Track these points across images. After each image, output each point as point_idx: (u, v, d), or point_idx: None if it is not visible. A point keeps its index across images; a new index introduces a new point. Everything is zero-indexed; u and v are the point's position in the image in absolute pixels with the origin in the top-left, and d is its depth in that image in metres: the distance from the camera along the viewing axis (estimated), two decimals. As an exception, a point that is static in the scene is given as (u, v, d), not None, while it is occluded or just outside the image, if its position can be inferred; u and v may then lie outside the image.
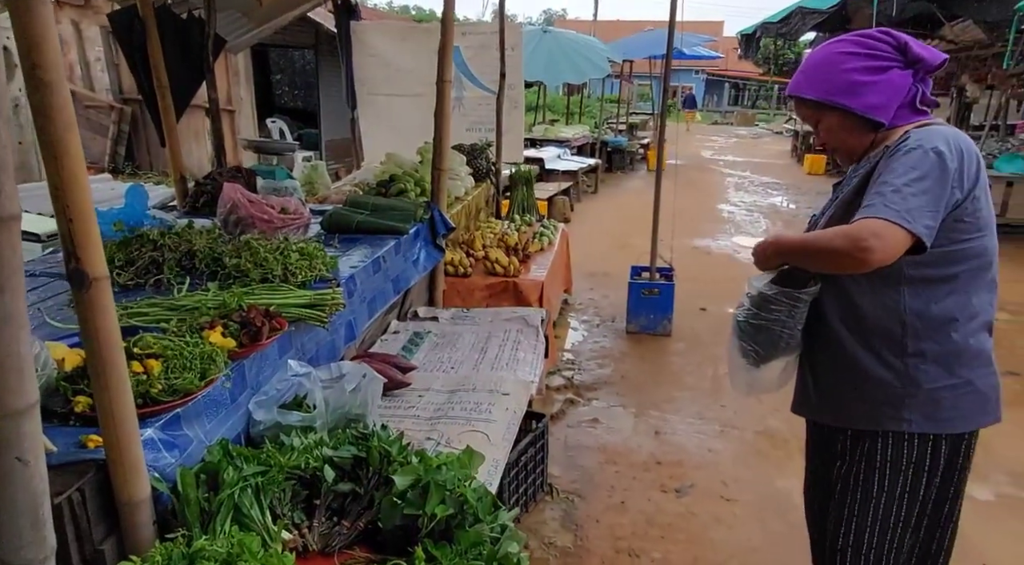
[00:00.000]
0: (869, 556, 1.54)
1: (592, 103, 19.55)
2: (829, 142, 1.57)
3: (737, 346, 1.61)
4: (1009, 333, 4.58)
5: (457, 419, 1.97)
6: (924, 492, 1.49)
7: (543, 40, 10.38)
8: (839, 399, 1.55)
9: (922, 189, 1.31)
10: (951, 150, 1.35)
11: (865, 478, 1.51)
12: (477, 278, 3.61)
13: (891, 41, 1.45)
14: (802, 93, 1.53)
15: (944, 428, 1.44)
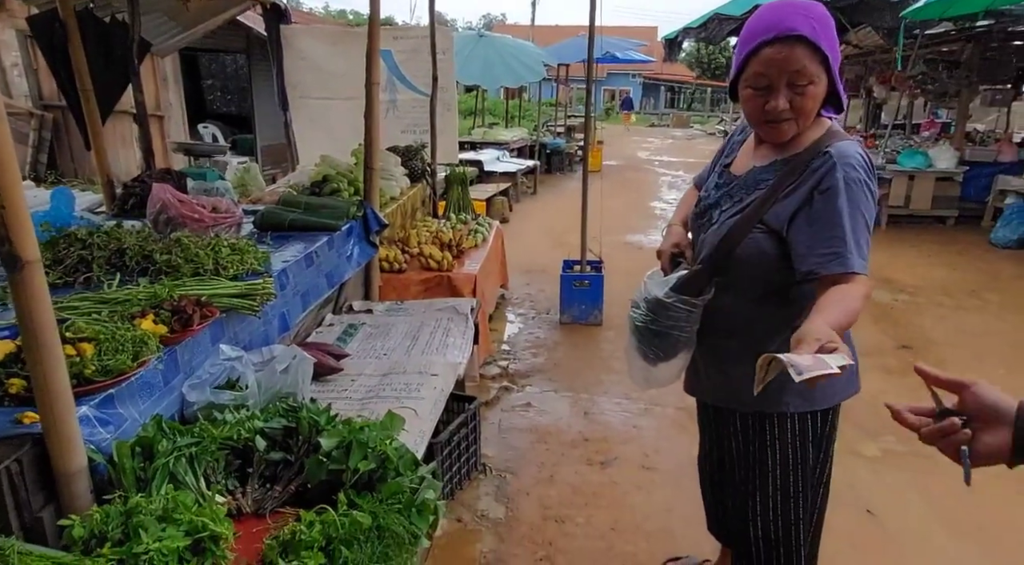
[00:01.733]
0: (776, 522, 1.69)
1: (531, 107, 19.86)
2: (806, 108, 1.40)
3: (636, 348, 1.71)
4: (906, 312, 5.00)
5: (388, 398, 2.10)
6: (809, 460, 1.66)
7: (479, 45, 10.57)
8: (729, 387, 1.67)
9: (868, 233, 1.41)
10: (870, 175, 1.43)
11: (760, 455, 1.66)
12: (412, 273, 3.74)
13: None
14: (819, 42, 1.32)
15: (817, 405, 1.60)
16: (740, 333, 1.62)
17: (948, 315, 4.96)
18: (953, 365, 4.02)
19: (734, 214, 1.55)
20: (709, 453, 1.92)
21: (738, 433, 1.71)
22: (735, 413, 1.70)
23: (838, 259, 1.37)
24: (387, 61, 5.07)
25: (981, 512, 2.61)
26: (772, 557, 1.71)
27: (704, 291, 1.59)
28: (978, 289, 5.57)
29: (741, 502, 1.74)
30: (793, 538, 1.69)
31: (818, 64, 1.35)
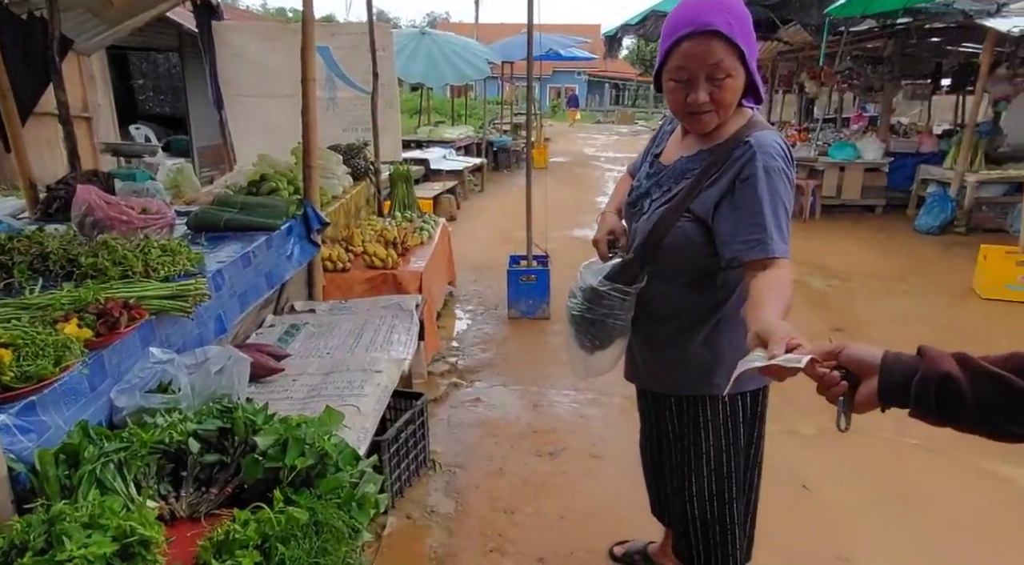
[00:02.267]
0: (712, 501, 1.75)
1: (477, 105, 19.85)
2: (725, 101, 1.43)
3: (573, 337, 1.75)
4: (839, 297, 5.23)
5: (330, 397, 2.08)
6: (741, 440, 1.73)
7: (422, 42, 10.50)
8: (664, 372, 1.73)
9: (788, 219, 1.46)
10: (788, 163, 1.48)
11: (694, 437, 1.72)
12: (356, 272, 3.70)
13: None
14: (735, 37, 1.36)
15: (746, 387, 1.67)
16: (671, 319, 1.67)
17: (878, 299, 5.21)
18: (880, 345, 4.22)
19: (663, 204, 1.59)
20: (649, 438, 1.97)
21: (673, 417, 1.76)
22: (670, 397, 1.75)
23: (760, 245, 1.42)
24: (325, 58, 4.99)
25: (906, 483, 2.77)
26: (709, 536, 1.77)
27: (637, 279, 1.63)
28: (904, 274, 5.87)
29: (679, 484, 1.80)
30: (728, 517, 1.75)
31: (735, 58, 1.39)
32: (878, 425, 3.23)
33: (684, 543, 1.83)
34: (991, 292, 5.04)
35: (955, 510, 2.58)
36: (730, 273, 1.58)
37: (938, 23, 7.37)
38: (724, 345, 1.63)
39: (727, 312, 1.63)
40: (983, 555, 2.33)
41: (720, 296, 1.61)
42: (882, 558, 2.30)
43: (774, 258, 1.41)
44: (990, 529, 2.45)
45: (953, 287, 5.41)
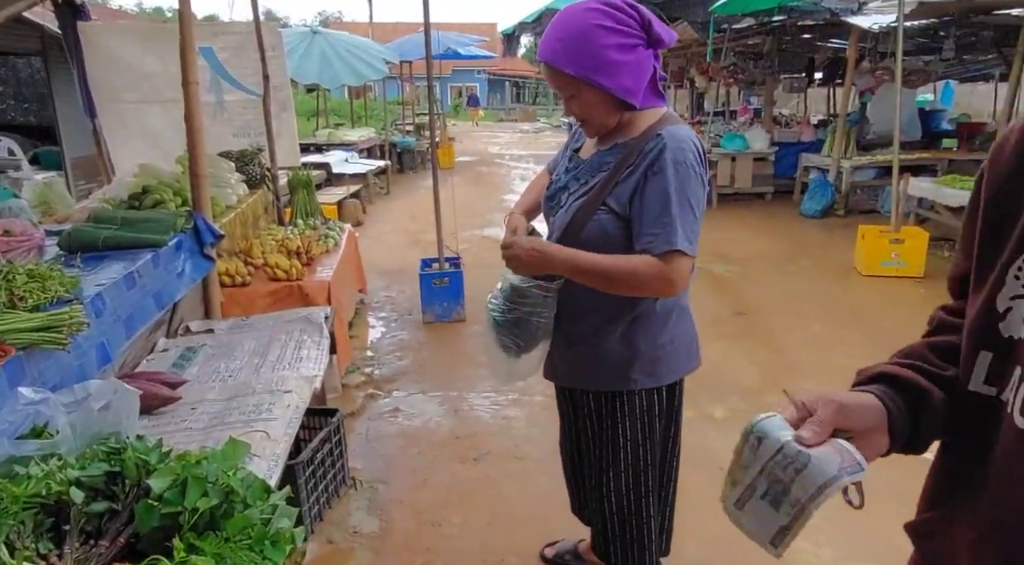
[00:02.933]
0: (629, 495, 1.77)
1: (378, 105, 19.44)
2: (582, 115, 1.55)
3: (496, 340, 1.70)
4: (738, 282, 5.51)
5: (235, 424, 1.93)
6: (657, 434, 1.76)
7: (314, 42, 10.13)
8: (582, 368, 1.73)
9: (696, 213, 1.49)
10: (701, 160, 1.52)
11: (612, 432, 1.73)
12: (258, 286, 3.49)
13: (638, 17, 1.46)
14: (559, 65, 1.46)
15: (662, 381, 1.70)
16: (589, 316, 1.67)
17: (773, 282, 5.53)
18: (778, 325, 4.48)
19: (579, 196, 1.60)
20: (568, 435, 1.97)
21: (592, 413, 1.76)
22: (588, 394, 1.75)
23: (664, 238, 1.45)
24: (209, 59, 4.68)
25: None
26: (626, 530, 1.79)
27: (557, 275, 1.62)
28: (794, 256, 6.27)
29: (597, 480, 1.81)
30: (644, 510, 1.77)
31: (570, 80, 1.46)
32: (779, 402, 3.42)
33: (602, 539, 1.85)
34: (869, 269, 5.47)
35: (855, 476, 2.75)
36: None
37: (809, 20, 7.92)
38: (640, 341, 1.65)
39: (644, 308, 1.64)
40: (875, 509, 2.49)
41: None
42: (795, 529, 2.41)
43: (674, 251, 1.45)
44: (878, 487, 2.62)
45: (837, 266, 5.83)
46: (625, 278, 1.50)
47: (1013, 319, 0.76)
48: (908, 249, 5.33)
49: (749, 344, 4.18)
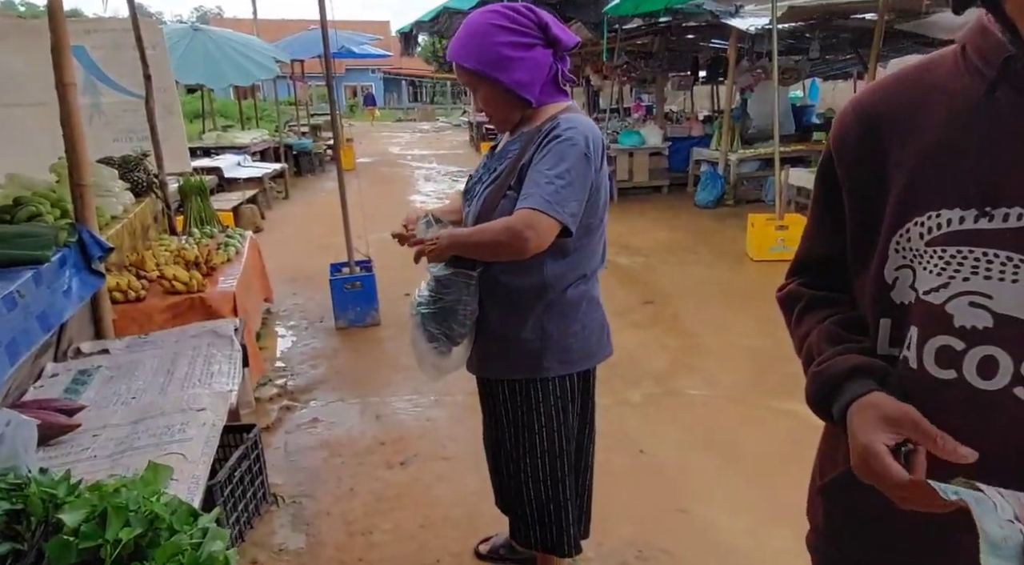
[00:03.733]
0: (546, 481, 1.82)
1: (269, 106, 18.61)
2: (487, 109, 1.67)
3: (423, 334, 1.71)
4: (644, 273, 5.75)
5: (146, 448, 1.81)
6: (572, 420, 1.82)
7: (196, 39, 9.55)
8: (497, 358, 1.77)
9: (569, 181, 1.53)
10: (589, 142, 1.58)
11: (527, 419, 1.78)
12: (155, 300, 3.26)
13: (535, 19, 1.57)
14: (460, 60, 1.59)
15: (574, 368, 1.76)
16: (502, 306, 1.71)
17: (675, 270, 5.81)
18: (683, 311, 4.73)
19: (489, 184, 1.68)
20: (489, 427, 1.99)
21: (507, 401, 1.80)
22: (503, 382, 1.79)
23: (528, 199, 1.53)
24: (82, 59, 4.32)
25: (722, 431, 3.12)
26: (544, 515, 1.85)
27: (476, 263, 1.67)
28: (692, 245, 6.62)
29: (515, 468, 1.85)
30: (562, 494, 1.84)
31: (474, 77, 1.59)
32: (689, 384, 3.62)
33: (522, 525, 1.90)
34: (759, 254, 5.88)
35: (762, 446, 2.96)
36: (561, 257, 1.66)
37: (692, 22, 8.38)
38: (553, 329, 1.71)
39: (554, 296, 1.70)
40: (782, 476, 2.70)
41: (547, 279, 1.68)
42: (713, 502, 2.56)
43: (530, 209, 1.51)
44: (785, 454, 2.84)
45: (731, 253, 6.22)
46: (489, 237, 1.57)
47: (900, 287, 0.85)
48: (792, 235, 5.76)
49: (658, 330, 4.38)
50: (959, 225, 0.78)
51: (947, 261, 0.79)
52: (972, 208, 0.77)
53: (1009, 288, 0.75)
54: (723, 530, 2.39)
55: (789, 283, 1.05)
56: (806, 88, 12.36)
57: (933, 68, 0.85)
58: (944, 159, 0.79)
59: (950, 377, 0.81)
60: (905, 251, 0.84)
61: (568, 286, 1.70)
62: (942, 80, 0.83)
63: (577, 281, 1.72)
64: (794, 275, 1.05)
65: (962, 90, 0.80)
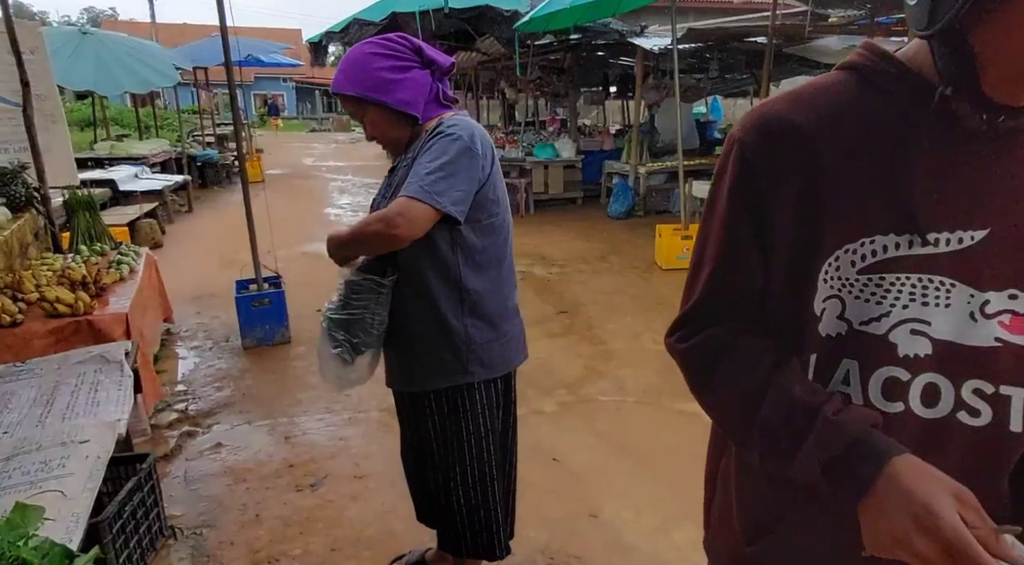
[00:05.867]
0: (475, 487, 1.83)
1: (170, 115, 17.68)
2: (375, 135, 1.72)
3: (330, 342, 1.69)
4: (559, 283, 5.85)
5: (18, 486, 1.66)
6: (498, 423, 1.85)
7: (85, 43, 8.96)
8: (419, 368, 1.76)
9: (450, 172, 1.56)
10: (476, 139, 1.63)
11: (455, 427, 1.79)
12: (34, 325, 3.00)
13: (409, 45, 1.67)
14: (343, 90, 1.65)
15: (496, 372, 1.79)
16: (420, 314, 1.72)
17: (589, 280, 5.95)
18: (596, 320, 4.84)
19: (388, 197, 1.72)
20: (410, 442, 1.98)
21: (433, 413, 1.80)
22: (429, 394, 1.79)
23: (406, 187, 1.57)
24: (-52, 61, 3.95)
25: (632, 436, 3.21)
26: (474, 521, 1.86)
27: (388, 271, 1.68)
28: (606, 254, 6.81)
29: (443, 478, 1.85)
30: (491, 499, 1.86)
31: (355, 100, 1.65)
32: (601, 390, 3.71)
33: (451, 534, 1.90)
34: (668, 263, 6.12)
35: (669, 448, 3.07)
36: (472, 262, 1.69)
37: (601, 39, 8.66)
38: (475, 335, 1.73)
39: (475, 300, 1.72)
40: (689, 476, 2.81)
41: (465, 281, 1.70)
42: (623, 504, 2.63)
43: (406, 197, 1.56)
44: (691, 453, 2.95)
45: (641, 262, 6.44)
46: (362, 227, 1.62)
47: (828, 319, 0.80)
48: (697, 243, 6.04)
49: (572, 339, 4.47)
50: (895, 251, 0.76)
51: (886, 289, 0.77)
52: (906, 234, 0.75)
53: (943, 313, 0.76)
54: (632, 531, 2.46)
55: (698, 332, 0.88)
56: (708, 104, 13.03)
57: (833, 88, 0.82)
58: (876, 185, 0.76)
59: (899, 410, 0.79)
60: (834, 281, 0.79)
61: (485, 291, 1.72)
62: (851, 101, 0.79)
63: (493, 287, 1.75)
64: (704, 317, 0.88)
65: (880, 113, 0.78)
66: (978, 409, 0.77)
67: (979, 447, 0.78)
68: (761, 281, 0.84)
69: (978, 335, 0.76)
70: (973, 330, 0.76)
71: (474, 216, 1.66)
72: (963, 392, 0.77)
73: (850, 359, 0.80)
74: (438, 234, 1.63)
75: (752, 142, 0.81)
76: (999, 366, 0.76)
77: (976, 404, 0.77)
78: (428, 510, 2.04)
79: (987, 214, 0.75)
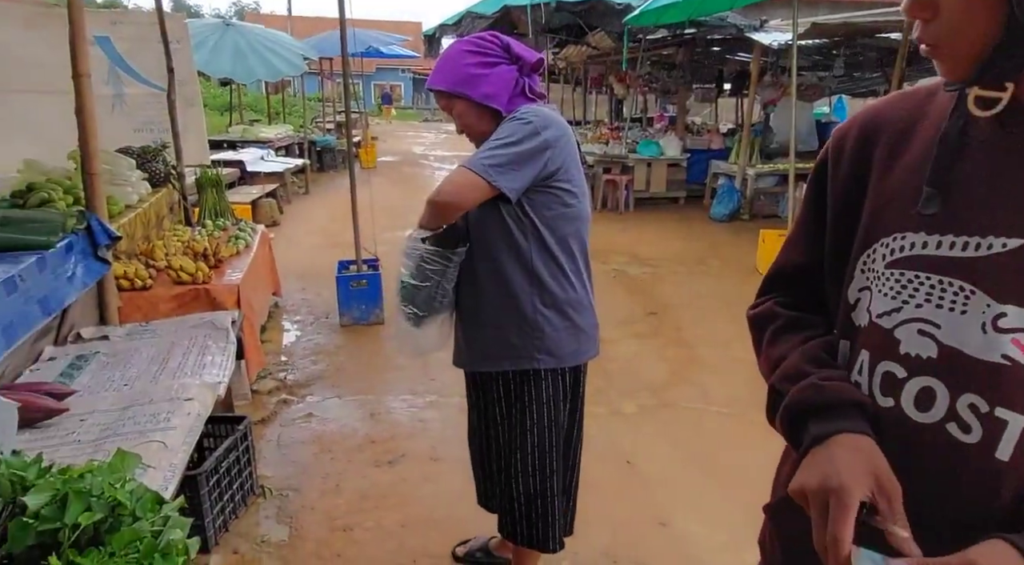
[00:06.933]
0: (536, 478, 1.85)
1: (297, 102, 18.85)
2: (463, 127, 1.77)
3: (401, 309, 1.77)
4: (652, 283, 5.72)
5: (129, 435, 1.85)
6: (563, 417, 1.86)
7: (227, 34, 9.72)
8: (486, 347, 1.81)
9: (510, 151, 1.61)
10: (546, 125, 1.65)
11: (520, 415, 1.82)
12: (161, 290, 3.33)
13: (498, 42, 1.74)
14: (435, 85, 1.75)
15: (564, 363, 1.80)
16: (493, 298, 1.76)
17: (683, 282, 5.78)
18: (687, 323, 4.70)
19: None
20: (477, 425, 2.03)
21: (500, 397, 1.84)
22: (497, 377, 1.83)
23: (465, 161, 1.65)
24: (107, 50, 4.42)
25: (711, 446, 3.10)
26: (532, 510, 1.88)
27: (459, 244, 1.73)
28: (703, 257, 6.58)
29: (505, 463, 1.89)
30: (549, 490, 1.87)
31: (446, 95, 1.73)
32: (685, 396, 3.59)
33: (509, 520, 1.93)
34: (771, 270, 5.81)
35: (749, 464, 2.92)
36: (544, 249, 1.72)
37: (717, 34, 8.33)
38: (543, 322, 1.75)
39: (545, 287, 1.74)
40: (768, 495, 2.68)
41: (537, 267, 1.73)
42: (694, 516, 2.55)
43: (459, 166, 1.63)
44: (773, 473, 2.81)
45: (741, 267, 6.16)
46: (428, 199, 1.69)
47: (860, 309, 0.84)
48: (804, 252, 5.70)
49: (659, 342, 4.36)
50: (921, 249, 0.77)
51: (903, 285, 0.78)
52: (936, 234, 0.76)
53: (957, 319, 0.74)
54: (700, 545, 2.38)
55: (762, 302, 1.01)
56: (832, 105, 12.20)
57: (922, 90, 0.86)
58: (917, 182, 0.78)
59: (889, 405, 0.80)
60: (869, 272, 0.82)
61: (556, 280, 1.75)
62: (923, 102, 0.83)
63: (565, 276, 1.76)
64: (768, 290, 1.02)
65: (938, 115, 0.80)
66: (969, 425, 0.74)
67: (959, 464, 0.75)
68: (814, 258, 0.92)
69: (986, 348, 0.72)
70: (982, 342, 0.73)
71: (543, 203, 1.70)
72: (958, 404, 0.74)
73: (865, 349, 0.83)
74: (509, 218, 1.69)
75: (839, 132, 0.90)
76: (1000, 385, 0.72)
77: (969, 419, 0.74)
78: (489, 493, 2.08)
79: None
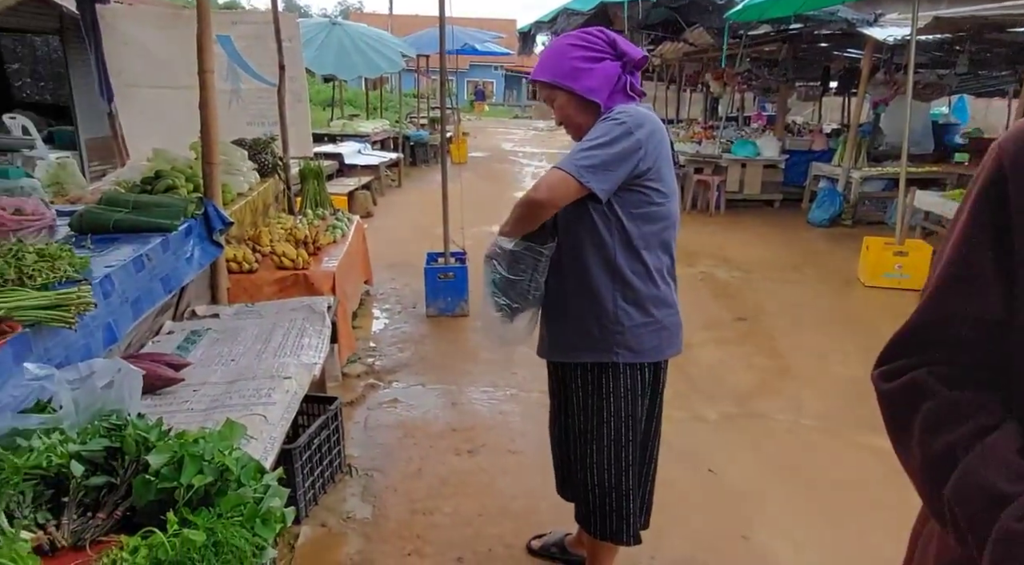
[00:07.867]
0: (611, 470, 1.87)
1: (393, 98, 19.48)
2: (562, 117, 1.81)
3: (492, 303, 1.82)
4: (741, 288, 5.52)
5: (235, 407, 1.99)
6: (640, 412, 1.86)
7: (332, 33, 10.18)
8: (567, 338, 1.85)
9: (603, 152, 1.62)
10: (640, 125, 1.66)
11: (598, 406, 1.84)
12: (265, 273, 3.55)
13: (604, 38, 1.75)
14: (538, 77, 1.79)
15: (643, 358, 1.81)
16: (576, 291, 1.79)
17: (776, 289, 5.53)
18: (778, 332, 4.50)
19: None
20: (557, 414, 2.05)
21: (579, 388, 1.86)
22: (576, 368, 1.85)
23: (559, 161, 1.67)
24: (227, 48, 4.74)
25: (799, 461, 2.96)
26: (606, 502, 1.88)
27: (549, 239, 1.76)
28: (799, 264, 6.27)
29: (582, 453, 1.90)
30: (623, 484, 1.87)
31: (554, 90, 1.76)
32: (774, 408, 3.44)
33: (584, 508, 1.94)
34: (872, 280, 5.47)
35: (842, 483, 2.78)
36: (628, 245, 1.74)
37: (825, 30, 7.89)
38: (623, 316, 1.77)
39: (627, 282, 1.76)
40: (862, 519, 2.53)
41: (619, 263, 1.75)
42: (778, 532, 2.44)
43: (554, 167, 1.65)
44: (869, 496, 2.65)
45: (840, 275, 5.83)
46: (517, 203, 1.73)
47: None
48: (911, 262, 5.32)
49: (747, 349, 4.20)
50: None
51: None
52: None
53: None
54: (784, 563, 2.27)
55: (899, 365, 0.77)
56: (951, 105, 11.29)
57: None
58: None
59: None
60: None
61: (639, 277, 1.76)
62: None
63: (648, 273, 1.77)
64: (909, 351, 0.78)
65: None
66: None
67: None
68: (992, 313, 0.69)
69: None
70: None
71: (632, 201, 1.70)
72: None
73: None
74: (595, 214, 1.71)
75: (1013, 149, 0.69)
76: None
77: None
78: (567, 482, 2.09)
79: None
